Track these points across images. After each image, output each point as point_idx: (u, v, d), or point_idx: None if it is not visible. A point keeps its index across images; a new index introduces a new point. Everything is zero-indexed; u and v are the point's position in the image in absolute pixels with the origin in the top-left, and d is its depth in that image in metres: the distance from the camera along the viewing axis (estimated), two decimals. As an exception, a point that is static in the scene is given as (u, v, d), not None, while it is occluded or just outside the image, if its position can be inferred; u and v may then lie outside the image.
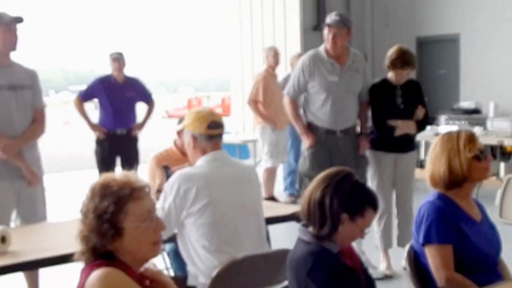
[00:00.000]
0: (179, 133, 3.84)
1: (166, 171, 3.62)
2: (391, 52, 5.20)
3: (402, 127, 5.21)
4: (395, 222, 5.44)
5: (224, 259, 3.05)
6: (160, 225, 2.21)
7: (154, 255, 2.22)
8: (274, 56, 8.04)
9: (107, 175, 2.19)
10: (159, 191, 3.38)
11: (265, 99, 7.88)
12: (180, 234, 3.25)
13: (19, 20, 4.15)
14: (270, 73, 8.05)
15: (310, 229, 2.57)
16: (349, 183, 2.54)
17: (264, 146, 8.11)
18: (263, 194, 8.04)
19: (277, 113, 7.75)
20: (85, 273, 2.10)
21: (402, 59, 5.14)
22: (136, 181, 2.18)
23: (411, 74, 5.38)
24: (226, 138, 10.14)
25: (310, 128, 5.18)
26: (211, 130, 3.29)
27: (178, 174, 3.23)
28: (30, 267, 3.55)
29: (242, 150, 9.34)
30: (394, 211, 5.43)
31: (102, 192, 2.13)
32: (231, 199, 3.21)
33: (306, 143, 5.17)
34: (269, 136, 8.00)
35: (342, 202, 2.49)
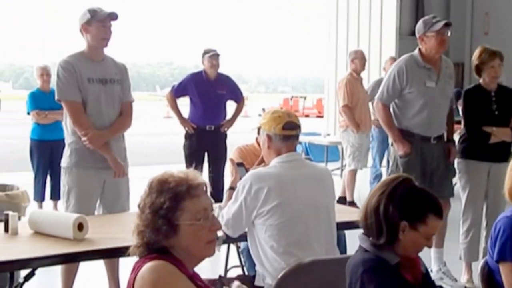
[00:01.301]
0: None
1: (242, 169, 3.64)
2: (475, 53, 5.08)
3: (498, 134, 5.02)
4: (483, 233, 5.25)
5: (291, 261, 3.04)
6: (215, 224, 2.20)
7: (209, 254, 2.22)
8: (360, 60, 7.99)
9: (166, 171, 2.21)
10: (232, 188, 3.40)
11: (349, 103, 7.87)
12: (250, 233, 3.26)
13: (114, 16, 4.27)
14: (354, 77, 8.02)
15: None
16: (406, 189, 2.45)
17: (346, 149, 8.13)
18: (348, 197, 8.00)
19: (361, 116, 7.76)
20: (138, 266, 2.13)
21: (486, 51, 5.00)
22: (194, 179, 2.18)
23: (505, 81, 5.19)
24: (316, 139, 10.14)
25: (404, 135, 5.07)
26: (286, 130, 3.28)
27: (251, 173, 3.24)
28: (103, 255, 3.64)
29: (331, 151, 9.27)
30: (483, 222, 5.24)
31: (159, 187, 2.15)
32: (302, 201, 3.19)
33: (400, 150, 5.05)
34: (351, 138, 7.99)
35: (399, 209, 2.41)
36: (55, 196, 7.48)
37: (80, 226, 3.32)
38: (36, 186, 7.35)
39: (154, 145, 17.91)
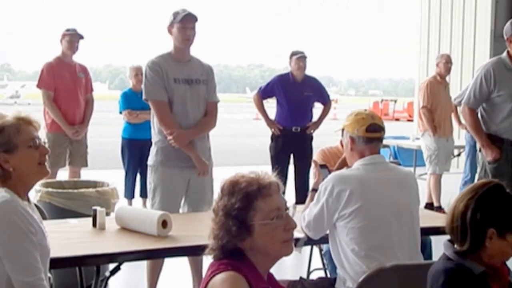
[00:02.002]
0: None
1: (325, 171, 3.62)
2: None
3: None
4: None
5: (372, 265, 2.99)
6: (290, 223, 2.19)
7: (286, 253, 2.20)
8: (445, 64, 7.88)
9: (238, 173, 2.22)
10: (314, 190, 3.39)
11: (431, 105, 7.80)
12: (332, 236, 3.23)
13: (192, 17, 4.34)
14: (437, 80, 7.93)
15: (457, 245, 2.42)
16: (497, 196, 2.35)
17: (424, 152, 8.05)
18: (434, 202, 7.83)
19: (440, 120, 7.72)
20: (211, 270, 2.14)
21: None
22: (265, 178, 2.17)
23: None
24: (404, 143, 9.95)
25: (493, 140, 4.91)
26: (369, 133, 3.23)
27: (333, 175, 3.21)
28: (186, 253, 3.70)
29: (420, 156, 9.08)
30: None
31: (231, 189, 2.16)
32: (385, 205, 3.13)
33: (489, 156, 4.90)
34: (428, 142, 7.92)
35: (488, 215, 2.32)
36: (145, 193, 7.66)
37: (164, 223, 3.39)
38: (127, 184, 7.56)
39: (243, 146, 18.09)
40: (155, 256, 3.76)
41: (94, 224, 3.55)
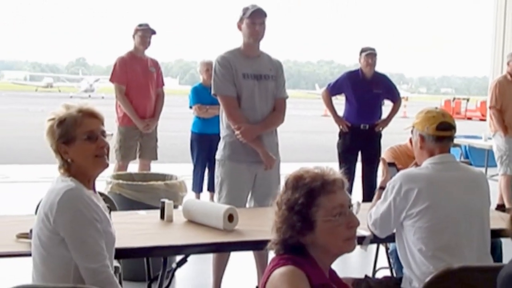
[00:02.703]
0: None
1: (393, 169, 3.57)
2: None
3: None
4: None
5: (440, 266, 2.93)
6: (353, 221, 2.17)
7: (348, 250, 2.18)
8: None
9: (302, 167, 2.21)
10: (382, 188, 3.35)
11: (500, 105, 7.68)
12: (399, 235, 3.19)
13: (263, 13, 4.35)
14: (507, 80, 7.78)
15: None
16: None
17: (495, 152, 7.91)
18: (506, 204, 7.63)
19: (511, 120, 7.59)
20: (273, 264, 2.15)
21: None
22: (329, 174, 2.16)
23: None
24: (476, 143, 9.72)
25: None
26: (440, 131, 3.17)
27: (401, 173, 3.17)
28: (251, 247, 3.73)
29: (491, 155, 8.87)
30: None
31: (295, 184, 2.15)
32: (454, 205, 3.07)
33: None
34: (499, 142, 7.79)
35: None
36: (212, 187, 7.74)
37: (230, 217, 3.42)
38: (195, 177, 7.66)
39: (310, 142, 18.04)
40: (221, 250, 3.81)
41: (162, 216, 3.61)
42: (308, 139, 18.88)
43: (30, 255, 3.12)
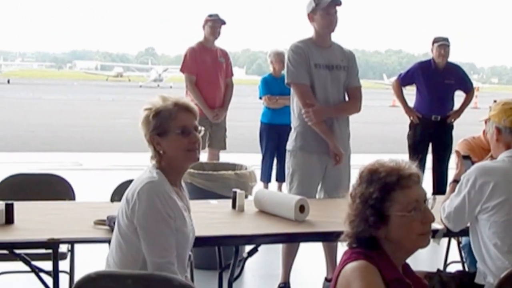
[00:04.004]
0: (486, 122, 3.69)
1: (467, 162, 3.50)
2: None
3: None
4: None
5: (516, 261, 2.87)
6: (428, 217, 2.13)
7: (421, 246, 2.15)
8: None
9: (378, 160, 2.19)
10: (455, 181, 3.29)
11: None
12: (473, 229, 3.14)
13: (338, 2, 4.32)
14: None
15: None
16: None
17: None
18: None
19: None
20: (344, 258, 2.14)
21: None
22: (405, 169, 2.13)
23: None
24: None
25: None
26: None
27: (476, 166, 3.11)
28: (322, 238, 3.73)
29: None
30: None
31: (369, 177, 2.13)
32: (532, 200, 2.99)
33: None
34: None
35: None
36: (280, 177, 7.78)
37: (302, 208, 3.43)
38: (264, 167, 7.69)
39: (379, 133, 17.84)
40: (292, 240, 3.83)
41: (234, 206, 3.65)
42: (376, 130, 18.68)
43: (107, 241, 3.23)
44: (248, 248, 3.55)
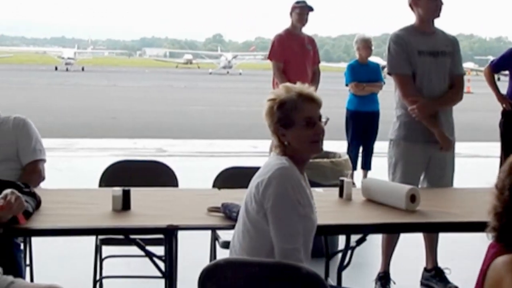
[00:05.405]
0: None
1: None
2: None
3: None
4: None
5: None
6: None
7: None
8: None
9: None
10: None
11: None
12: None
13: None
14: None
15: None
16: None
17: None
18: None
19: None
20: (493, 250, 2.08)
21: None
22: None
23: None
24: None
25: None
26: None
27: None
28: (436, 229, 3.67)
29: None
30: None
31: None
32: None
33: None
34: None
35: None
36: (366, 166, 7.72)
37: (413, 198, 3.37)
38: (349, 155, 7.61)
39: (457, 121, 17.43)
40: (403, 230, 3.77)
41: (341, 195, 3.63)
42: (462, 118, 18.26)
43: (221, 228, 3.28)
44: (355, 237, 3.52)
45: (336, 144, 8.55)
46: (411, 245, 4.76)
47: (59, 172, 7.88)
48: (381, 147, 8.16)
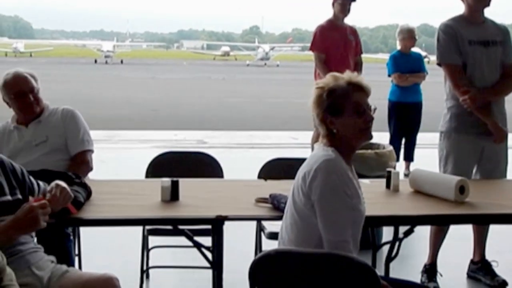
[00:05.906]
0: None
1: None
2: None
3: None
4: None
5: None
6: None
7: None
8: None
9: None
10: None
11: None
12: None
13: None
14: None
15: None
16: None
17: None
18: None
19: None
20: None
21: None
22: None
23: None
24: None
25: None
26: None
27: None
28: (484, 221, 3.62)
29: None
30: None
31: None
32: None
33: None
34: None
35: None
36: (409, 157, 7.66)
37: (462, 189, 3.33)
38: (392, 146, 7.57)
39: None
40: (452, 222, 3.72)
41: (388, 186, 3.60)
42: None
43: (269, 219, 3.28)
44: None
45: (377, 136, 8.53)
46: (459, 238, 4.69)
47: (102, 163, 7.97)
48: (423, 138, 8.13)
